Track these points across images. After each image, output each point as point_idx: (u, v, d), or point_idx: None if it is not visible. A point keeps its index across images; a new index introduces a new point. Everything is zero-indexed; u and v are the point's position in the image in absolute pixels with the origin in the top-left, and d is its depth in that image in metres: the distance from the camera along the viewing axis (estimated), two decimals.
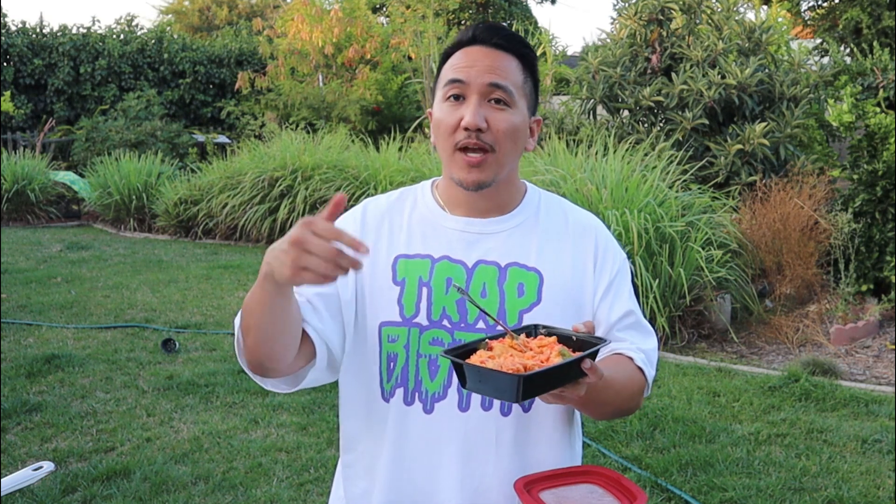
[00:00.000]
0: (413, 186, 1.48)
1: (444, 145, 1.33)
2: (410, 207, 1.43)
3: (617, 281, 1.40)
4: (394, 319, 1.35)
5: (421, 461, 1.35)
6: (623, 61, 7.62)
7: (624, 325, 1.38)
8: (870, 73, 6.93)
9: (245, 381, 4.58)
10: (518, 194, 1.43)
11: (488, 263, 1.36)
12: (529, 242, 1.39)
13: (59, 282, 7.41)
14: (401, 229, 1.40)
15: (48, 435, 3.84)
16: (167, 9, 27.74)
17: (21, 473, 1.96)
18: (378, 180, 8.79)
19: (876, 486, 3.34)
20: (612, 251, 1.42)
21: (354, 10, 13.56)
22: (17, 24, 15.25)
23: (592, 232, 1.43)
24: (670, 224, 5.35)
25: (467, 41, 1.33)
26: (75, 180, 12.28)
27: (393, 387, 1.36)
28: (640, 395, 1.37)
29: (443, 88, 1.34)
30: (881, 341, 5.37)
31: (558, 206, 1.46)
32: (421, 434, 1.34)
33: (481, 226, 1.38)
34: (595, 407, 1.32)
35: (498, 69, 1.31)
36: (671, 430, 3.88)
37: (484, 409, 1.33)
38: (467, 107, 1.30)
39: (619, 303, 1.39)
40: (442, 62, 1.37)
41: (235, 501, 3.23)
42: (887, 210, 6.01)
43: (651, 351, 1.39)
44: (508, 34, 1.33)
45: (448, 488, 1.33)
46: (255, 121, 13.63)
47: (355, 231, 1.40)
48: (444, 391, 1.34)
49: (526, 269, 1.36)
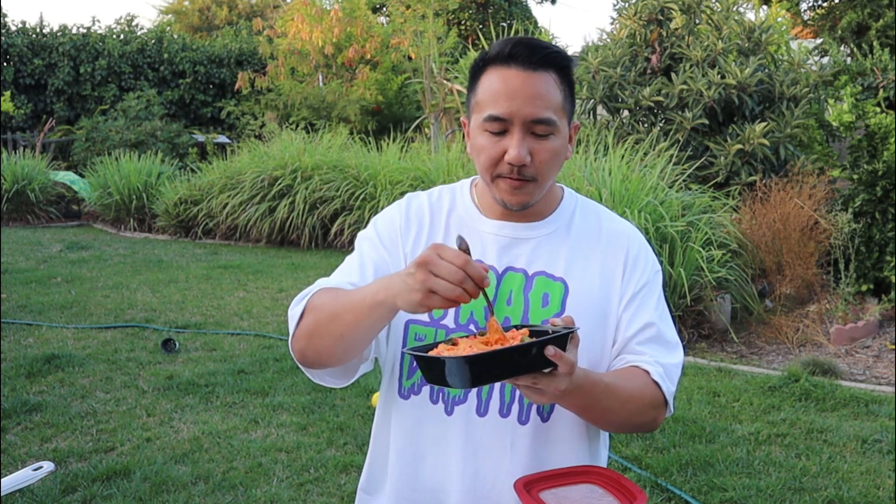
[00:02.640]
0: (452, 186, 1.48)
1: (485, 172, 1.33)
2: (449, 207, 1.43)
3: (643, 292, 1.38)
4: (422, 319, 1.36)
5: (435, 459, 1.36)
6: (623, 61, 7.62)
7: (644, 338, 1.35)
8: (870, 73, 6.93)
9: (245, 381, 4.58)
10: (554, 200, 1.42)
11: (516, 271, 1.36)
12: (559, 251, 1.38)
13: (59, 282, 7.41)
14: (439, 228, 1.41)
15: (48, 435, 3.83)
16: (167, 9, 27.73)
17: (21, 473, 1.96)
18: (378, 180, 8.78)
19: (876, 486, 3.34)
20: (643, 261, 1.40)
21: (354, 10, 13.56)
22: (17, 24, 15.26)
23: (625, 241, 1.41)
24: (670, 224, 5.35)
25: (503, 60, 1.28)
26: (75, 180, 12.28)
27: (415, 384, 1.37)
28: (655, 410, 1.32)
29: (482, 118, 1.30)
30: (881, 341, 5.37)
31: (594, 214, 1.44)
32: (436, 433, 1.35)
33: (514, 230, 1.38)
34: (597, 414, 1.30)
35: (539, 98, 1.27)
36: (671, 430, 3.88)
37: (502, 415, 1.34)
38: (510, 140, 1.28)
39: (642, 315, 1.36)
40: (476, 73, 1.33)
41: (235, 501, 3.23)
42: (887, 210, 6.01)
43: (672, 366, 1.35)
44: (546, 51, 1.29)
45: (457, 490, 1.34)
46: (255, 121, 13.64)
47: (400, 223, 1.41)
48: (465, 395, 1.35)
49: (552, 280, 1.36)
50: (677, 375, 1.36)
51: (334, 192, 9.02)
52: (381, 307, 1.17)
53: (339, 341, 1.24)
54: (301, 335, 1.30)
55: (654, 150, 6.37)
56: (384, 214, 1.45)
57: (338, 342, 1.24)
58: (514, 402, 1.34)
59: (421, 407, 1.36)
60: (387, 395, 1.41)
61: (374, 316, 1.19)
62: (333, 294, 1.29)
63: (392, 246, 1.40)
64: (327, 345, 1.26)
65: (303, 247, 9.23)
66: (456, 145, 9.16)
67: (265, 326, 5.85)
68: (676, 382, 1.36)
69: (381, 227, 1.42)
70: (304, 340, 1.29)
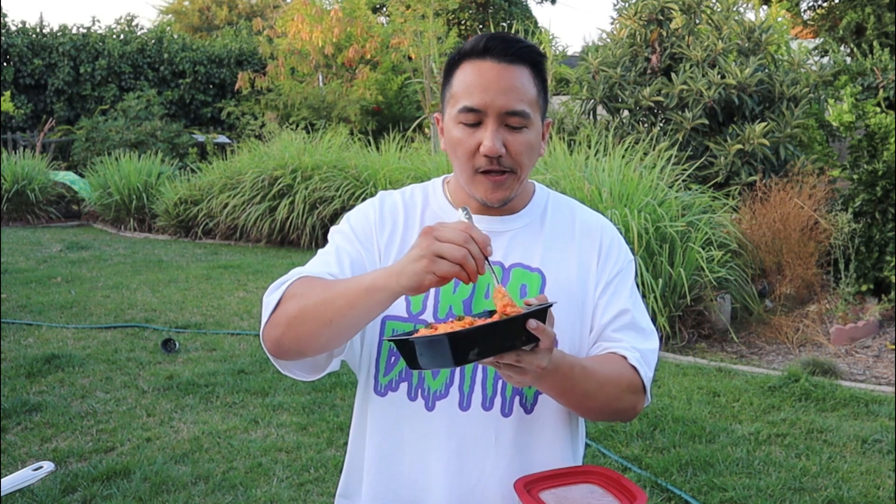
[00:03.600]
0: (424, 184, 1.49)
1: (462, 167, 1.34)
2: (423, 204, 1.44)
3: (617, 280, 1.40)
4: (400, 315, 1.35)
5: (414, 457, 1.35)
6: (623, 61, 7.62)
7: (620, 325, 1.37)
8: (870, 73, 6.93)
9: (245, 381, 4.58)
10: (526, 195, 1.44)
11: (493, 263, 1.36)
12: (534, 243, 1.39)
13: (59, 282, 7.41)
14: (413, 225, 1.42)
15: (48, 435, 3.83)
16: (167, 9, 27.74)
17: (21, 473, 1.96)
18: (378, 180, 8.79)
19: (876, 486, 3.34)
20: (616, 251, 1.42)
21: (354, 10, 13.57)
22: (17, 24, 15.25)
23: (598, 232, 1.43)
24: (670, 224, 5.35)
25: (478, 53, 1.31)
26: (75, 180, 12.28)
27: (392, 381, 1.36)
28: (634, 395, 1.33)
29: (457, 110, 1.31)
30: (881, 341, 5.37)
31: (567, 207, 1.46)
32: (418, 430, 1.35)
33: (489, 224, 1.38)
34: (576, 398, 1.30)
35: (513, 91, 1.29)
36: (671, 430, 3.88)
37: (485, 409, 1.34)
38: (484, 131, 1.29)
39: (616, 302, 1.38)
40: (451, 67, 1.35)
41: (235, 501, 3.23)
42: (887, 210, 6.01)
43: (648, 351, 1.36)
44: (520, 45, 1.31)
45: (440, 486, 1.33)
46: (255, 121, 13.64)
47: (375, 219, 1.41)
48: (447, 389, 1.34)
49: (529, 270, 1.37)
50: (654, 361, 1.38)
51: (334, 191, 9.03)
52: (379, 292, 1.16)
53: (327, 327, 1.21)
54: (279, 322, 1.26)
55: (654, 151, 6.37)
56: (358, 210, 1.45)
57: (324, 328, 1.21)
58: (496, 395, 1.34)
59: (399, 404, 1.35)
60: (363, 394, 1.40)
61: (371, 301, 1.18)
62: (318, 282, 1.28)
63: (366, 241, 1.39)
64: (311, 330, 1.23)
65: (303, 247, 9.23)
66: None
67: None
68: (653, 369, 1.37)
69: (355, 222, 1.42)
70: (283, 327, 1.26)
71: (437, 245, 1.10)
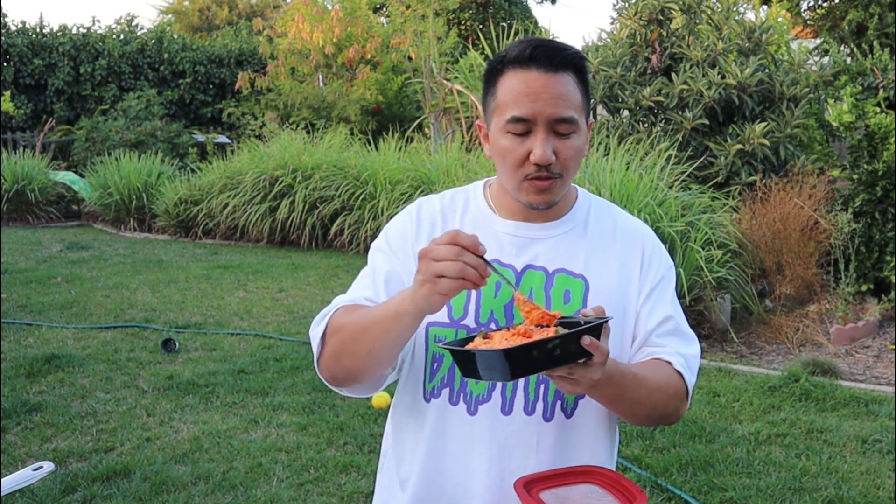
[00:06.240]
0: (465, 188, 1.49)
1: (511, 174, 1.34)
2: (462, 209, 1.44)
3: (660, 287, 1.41)
4: (442, 321, 1.36)
5: (457, 460, 1.36)
6: (623, 61, 7.62)
7: (664, 331, 1.38)
8: (870, 73, 6.93)
9: (245, 381, 4.59)
10: (569, 200, 1.44)
11: (536, 268, 1.37)
12: (577, 249, 1.39)
13: (59, 282, 7.41)
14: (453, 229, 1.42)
15: (48, 435, 3.83)
16: (167, 9, 27.72)
17: (21, 473, 1.96)
18: (378, 180, 8.78)
19: (876, 486, 3.34)
20: (657, 258, 1.43)
21: (355, 9, 13.56)
22: (17, 24, 15.25)
23: (640, 239, 1.44)
24: (670, 224, 5.35)
25: (523, 62, 1.29)
26: (75, 180, 12.28)
27: (435, 387, 1.37)
28: (679, 400, 1.35)
29: (505, 120, 1.31)
30: (881, 341, 5.37)
31: (608, 213, 1.47)
32: (461, 434, 1.36)
33: (531, 230, 1.39)
34: (626, 406, 1.32)
35: (561, 99, 1.29)
36: (671, 430, 3.88)
37: (527, 413, 1.34)
38: (535, 140, 1.29)
39: (660, 308, 1.39)
40: (493, 75, 1.34)
41: (235, 501, 3.23)
42: (887, 210, 6.01)
43: (691, 357, 1.38)
44: (565, 54, 1.30)
45: (482, 489, 1.35)
46: (255, 121, 13.64)
47: (411, 229, 1.42)
48: (489, 394, 1.35)
49: (573, 276, 1.37)
50: (696, 367, 1.40)
51: (334, 191, 9.03)
52: (404, 316, 1.20)
53: (369, 357, 1.27)
54: (328, 357, 1.33)
55: (655, 150, 6.37)
56: (395, 222, 1.46)
57: (367, 358, 1.27)
58: (538, 400, 1.35)
59: (441, 409, 1.37)
60: (412, 398, 1.41)
61: (400, 327, 1.22)
62: (354, 311, 1.32)
63: (403, 254, 1.40)
64: (357, 362, 1.29)
65: (303, 246, 9.23)
66: (455, 145, 9.16)
67: (265, 326, 5.85)
68: (696, 374, 1.39)
69: (392, 237, 1.44)
70: (332, 361, 1.32)
71: (434, 266, 1.13)
